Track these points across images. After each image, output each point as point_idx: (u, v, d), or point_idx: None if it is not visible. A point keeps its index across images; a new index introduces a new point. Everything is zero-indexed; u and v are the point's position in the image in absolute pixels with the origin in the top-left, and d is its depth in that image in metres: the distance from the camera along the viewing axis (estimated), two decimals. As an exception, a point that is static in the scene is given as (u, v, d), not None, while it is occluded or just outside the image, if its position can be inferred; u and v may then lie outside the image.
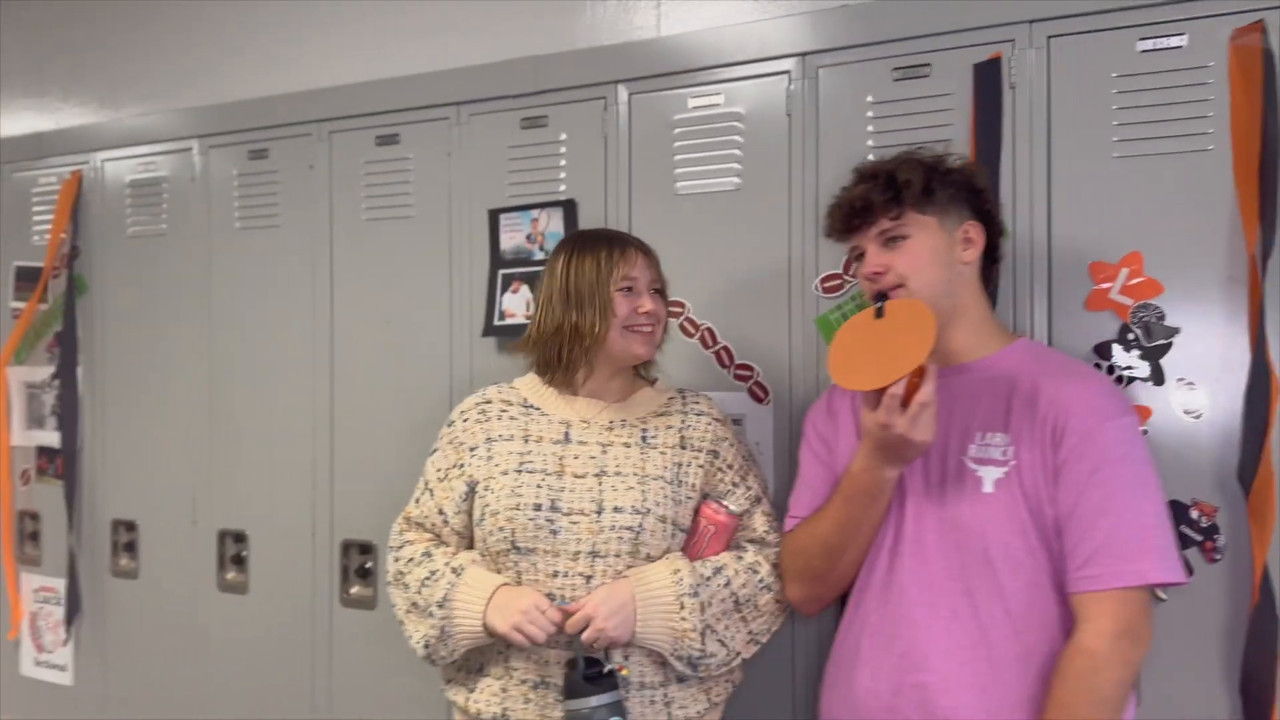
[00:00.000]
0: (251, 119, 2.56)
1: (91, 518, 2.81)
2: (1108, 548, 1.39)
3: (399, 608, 1.74)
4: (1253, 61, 1.61)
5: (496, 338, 2.22)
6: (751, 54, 2.00)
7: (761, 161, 1.99)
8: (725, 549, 1.70)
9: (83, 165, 2.84)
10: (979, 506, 1.47)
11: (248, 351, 2.56)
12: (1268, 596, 1.58)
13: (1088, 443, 1.42)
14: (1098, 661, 1.37)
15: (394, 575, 1.75)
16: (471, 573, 1.65)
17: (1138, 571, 1.39)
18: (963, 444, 1.51)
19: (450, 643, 1.64)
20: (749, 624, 1.68)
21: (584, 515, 1.63)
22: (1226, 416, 1.64)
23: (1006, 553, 1.46)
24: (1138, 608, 1.40)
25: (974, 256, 1.56)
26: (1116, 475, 1.41)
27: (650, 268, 1.74)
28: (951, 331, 1.55)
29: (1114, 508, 1.40)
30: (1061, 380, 1.48)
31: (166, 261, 2.69)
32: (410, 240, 2.35)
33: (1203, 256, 1.65)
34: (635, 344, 1.70)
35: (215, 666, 2.60)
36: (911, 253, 1.53)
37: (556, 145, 2.19)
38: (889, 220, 1.54)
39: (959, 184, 1.56)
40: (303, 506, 2.46)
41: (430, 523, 1.76)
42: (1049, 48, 1.76)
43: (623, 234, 1.79)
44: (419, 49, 2.48)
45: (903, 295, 1.52)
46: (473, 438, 1.75)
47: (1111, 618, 1.38)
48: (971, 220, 1.57)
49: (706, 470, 1.73)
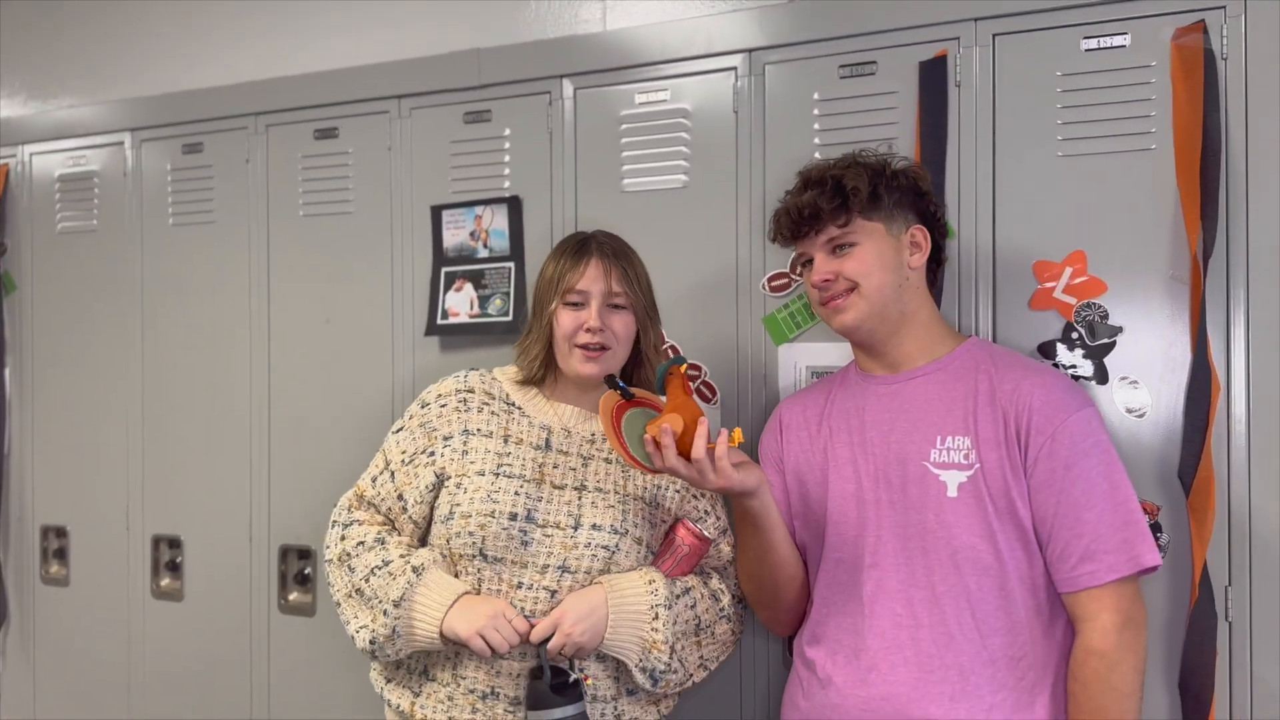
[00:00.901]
0: (186, 112, 2.48)
1: (20, 523, 2.72)
2: (1099, 542, 1.40)
3: (338, 589, 1.65)
4: (1194, 61, 1.62)
5: (439, 337, 2.18)
6: (698, 49, 1.98)
7: (708, 159, 1.97)
8: (692, 572, 1.67)
9: (9, 159, 2.75)
10: (944, 512, 1.46)
11: (182, 352, 2.49)
12: (1206, 594, 1.59)
13: (1056, 441, 1.43)
14: (1110, 660, 1.39)
15: (338, 555, 1.65)
16: (433, 575, 1.57)
17: (1132, 559, 1.41)
18: (923, 449, 1.49)
19: (399, 643, 1.58)
20: (702, 649, 1.66)
21: (559, 529, 1.58)
22: (1169, 415, 1.65)
23: (973, 556, 1.45)
24: (1132, 595, 1.42)
25: (921, 261, 1.56)
26: (1091, 468, 1.42)
27: (606, 278, 1.63)
28: (901, 337, 1.55)
29: (1096, 501, 1.41)
30: (1019, 377, 1.48)
31: (98, 259, 2.61)
32: (350, 237, 2.29)
33: (1145, 256, 1.66)
34: (578, 362, 1.63)
35: (150, 676, 2.53)
36: (859, 258, 1.52)
37: (500, 140, 2.15)
38: (837, 228, 1.53)
39: (904, 188, 1.56)
40: (239, 511, 2.40)
41: (386, 506, 1.67)
42: (994, 46, 1.75)
43: (590, 239, 1.69)
44: (358, 40, 2.43)
45: (854, 300, 1.52)
46: (448, 425, 1.67)
47: (1113, 611, 1.40)
48: (917, 225, 1.57)
49: (682, 495, 1.69)
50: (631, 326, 1.67)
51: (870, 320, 1.52)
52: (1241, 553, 1.60)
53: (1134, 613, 1.42)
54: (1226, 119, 1.61)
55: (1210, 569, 1.59)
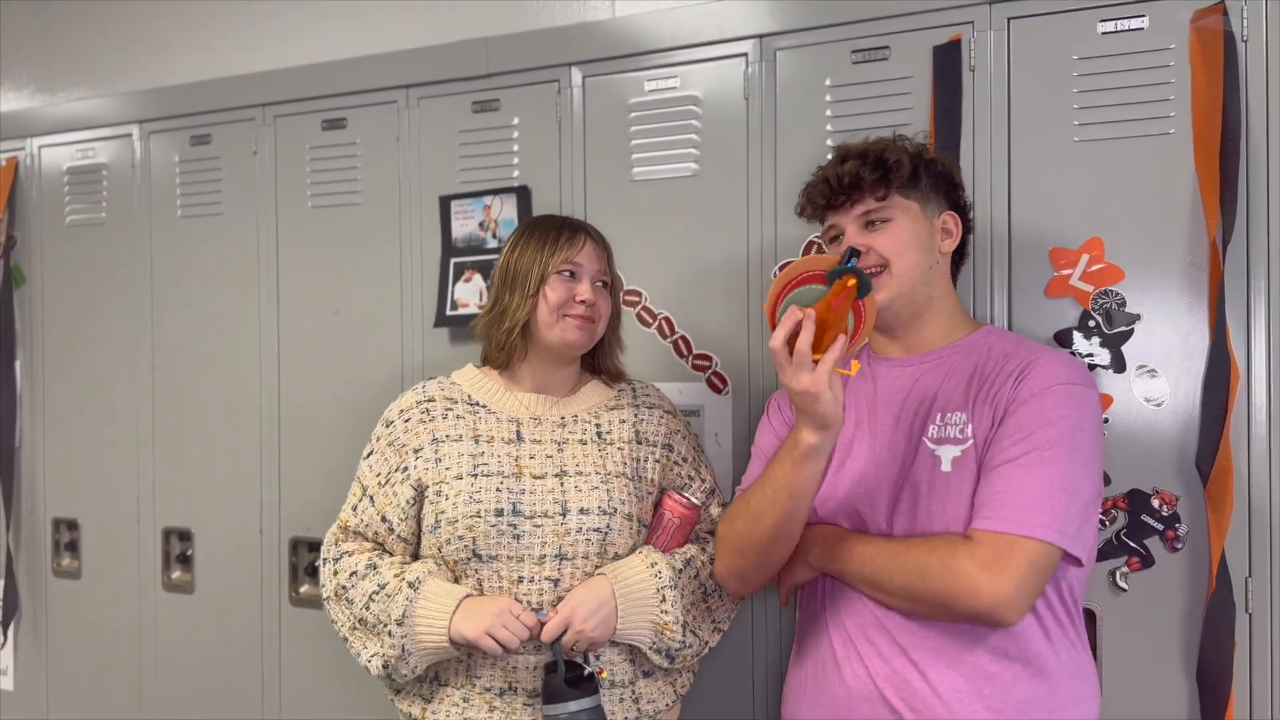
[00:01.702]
0: (193, 103, 2.47)
1: (32, 516, 2.73)
2: (1003, 498, 1.34)
3: (341, 625, 1.64)
4: (1214, 44, 1.59)
5: (449, 328, 2.16)
6: (709, 36, 1.95)
7: (719, 146, 1.95)
8: (687, 541, 1.67)
9: (18, 152, 2.74)
10: (936, 487, 1.44)
11: (192, 343, 2.49)
12: (1225, 585, 1.57)
13: (1027, 404, 1.37)
14: (955, 562, 1.33)
15: (334, 590, 1.65)
16: (431, 586, 1.56)
17: (1025, 524, 1.32)
18: (924, 426, 1.48)
19: (412, 660, 1.56)
20: (713, 613, 1.67)
21: (548, 518, 1.58)
22: (1187, 404, 1.62)
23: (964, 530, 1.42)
24: (1021, 552, 1.32)
25: (951, 248, 1.54)
26: (1045, 437, 1.35)
27: (599, 259, 1.66)
28: (923, 321, 1.53)
29: (1030, 465, 1.34)
30: (1026, 354, 1.45)
31: (107, 251, 2.61)
32: (359, 228, 2.28)
33: (1164, 242, 1.64)
34: (569, 330, 1.62)
35: (161, 668, 2.53)
36: (895, 235, 1.49)
37: (509, 130, 2.13)
38: (875, 200, 1.50)
39: (940, 175, 1.54)
40: (250, 503, 2.39)
41: (372, 531, 1.66)
42: (1009, 29, 1.73)
43: (579, 222, 1.72)
44: (366, 30, 2.42)
45: (884, 279, 1.48)
46: (416, 439, 1.66)
47: (989, 547, 1.32)
48: (949, 211, 1.54)
49: (663, 465, 1.69)
50: (609, 308, 1.69)
51: (899, 301, 1.49)
52: (1262, 543, 1.58)
53: (1003, 561, 1.30)
54: (1247, 102, 1.58)
55: (1229, 560, 1.57)
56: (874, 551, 1.44)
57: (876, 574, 1.43)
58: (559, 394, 1.70)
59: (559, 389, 1.70)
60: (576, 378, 1.73)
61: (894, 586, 1.41)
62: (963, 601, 1.33)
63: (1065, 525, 1.33)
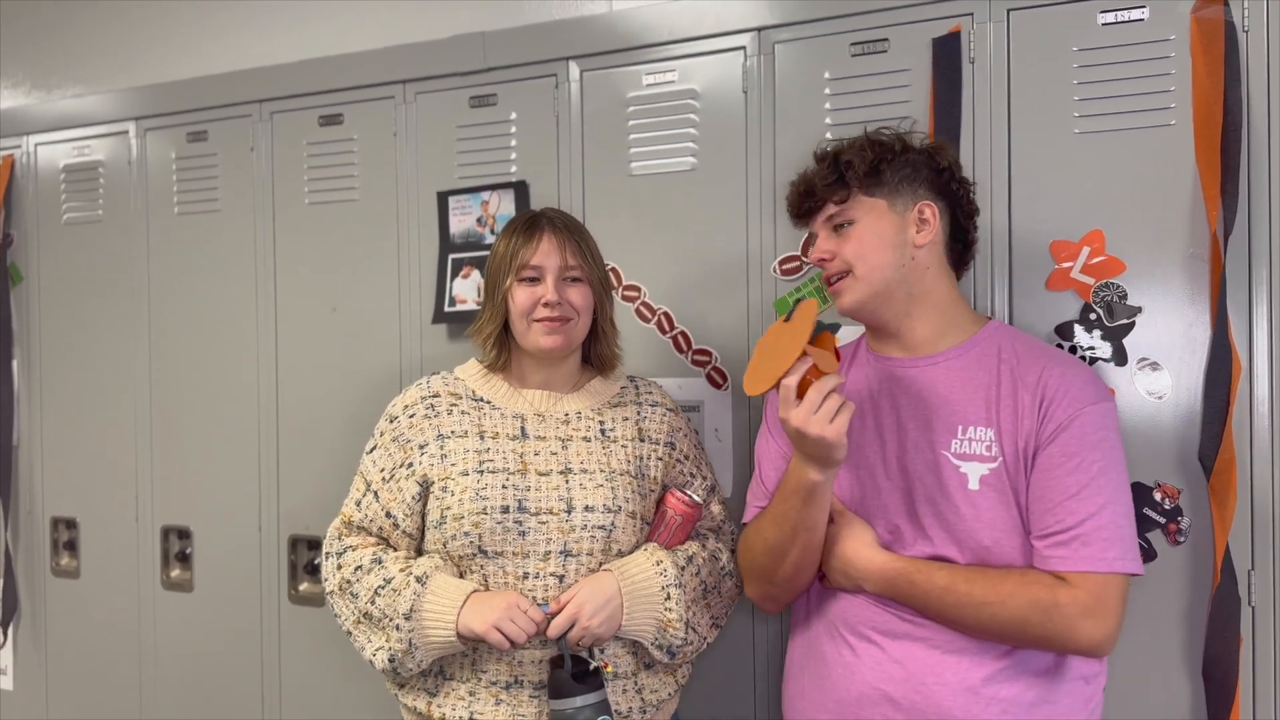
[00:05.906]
0: (190, 100, 2.47)
1: (30, 515, 2.72)
2: (1074, 532, 1.36)
3: (345, 619, 1.64)
4: (1214, 34, 1.58)
5: (447, 324, 2.16)
6: (707, 29, 1.94)
7: (718, 140, 1.94)
8: (688, 538, 1.67)
9: (15, 149, 2.74)
10: (966, 505, 1.42)
11: (189, 341, 2.48)
12: (1229, 578, 1.56)
13: (1067, 430, 1.38)
14: (1042, 606, 1.35)
15: (338, 584, 1.64)
16: (438, 581, 1.55)
17: (1105, 560, 1.35)
18: (945, 439, 1.45)
19: (418, 655, 1.56)
20: (712, 609, 1.67)
21: (553, 515, 1.58)
22: (1189, 397, 1.61)
23: (1000, 551, 1.41)
24: (1104, 585, 1.36)
25: (928, 238, 1.48)
26: (1091, 461, 1.37)
27: (561, 252, 1.62)
28: (913, 320, 1.50)
29: (1086, 493, 1.36)
30: (1042, 366, 1.43)
31: (103, 249, 2.60)
32: (356, 224, 2.27)
33: (1165, 234, 1.63)
34: (540, 336, 1.62)
35: (160, 667, 2.53)
36: (857, 238, 1.48)
37: (506, 125, 2.12)
38: (834, 205, 1.50)
39: (915, 164, 1.50)
40: (248, 501, 2.39)
41: (376, 526, 1.66)
42: (1009, 21, 1.72)
43: (541, 216, 1.68)
44: (362, 26, 2.41)
45: (849, 283, 1.48)
46: (421, 434, 1.65)
47: (1086, 591, 1.35)
48: (927, 200, 1.50)
49: (666, 462, 1.69)
50: (589, 298, 1.66)
51: (871, 302, 1.48)
52: (1265, 536, 1.57)
53: (1103, 604, 1.35)
54: (1248, 93, 1.57)
55: (1233, 553, 1.56)
56: (955, 597, 1.40)
57: (960, 615, 1.40)
58: (562, 390, 1.70)
59: (561, 385, 1.70)
60: (578, 373, 1.73)
61: (984, 631, 1.40)
62: (1065, 646, 1.38)
63: (1134, 549, 1.39)
